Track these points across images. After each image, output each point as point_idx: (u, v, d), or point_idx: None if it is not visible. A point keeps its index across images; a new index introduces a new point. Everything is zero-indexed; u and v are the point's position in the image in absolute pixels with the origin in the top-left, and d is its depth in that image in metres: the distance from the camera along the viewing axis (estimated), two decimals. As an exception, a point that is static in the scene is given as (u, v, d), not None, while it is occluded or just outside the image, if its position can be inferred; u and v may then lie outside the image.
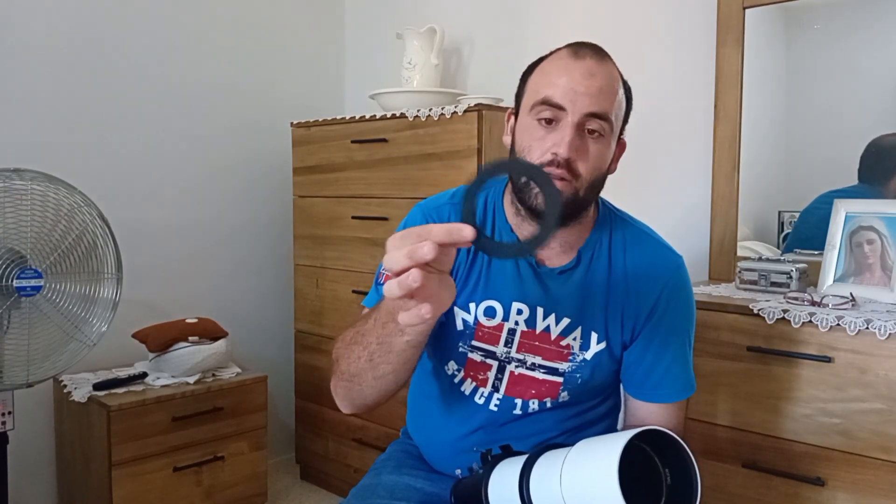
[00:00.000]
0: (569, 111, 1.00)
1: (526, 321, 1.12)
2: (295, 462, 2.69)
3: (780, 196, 1.89)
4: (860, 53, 1.75)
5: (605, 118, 1.01)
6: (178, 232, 2.49)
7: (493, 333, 1.13)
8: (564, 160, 1.00)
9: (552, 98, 1.01)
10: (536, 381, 1.13)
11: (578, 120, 1.00)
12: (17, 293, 1.61)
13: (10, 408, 1.71)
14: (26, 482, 2.18)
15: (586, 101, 1.00)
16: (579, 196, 1.03)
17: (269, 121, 2.69)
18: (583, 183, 1.03)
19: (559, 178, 1.01)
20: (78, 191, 1.70)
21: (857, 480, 1.37)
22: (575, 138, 1.00)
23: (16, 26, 2.10)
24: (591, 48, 1.04)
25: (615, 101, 1.03)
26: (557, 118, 1.01)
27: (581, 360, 1.12)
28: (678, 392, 1.13)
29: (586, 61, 1.02)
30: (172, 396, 2.06)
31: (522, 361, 1.13)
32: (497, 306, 1.12)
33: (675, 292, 1.12)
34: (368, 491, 1.19)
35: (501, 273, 1.13)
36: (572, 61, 1.02)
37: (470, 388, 1.17)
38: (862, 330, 1.34)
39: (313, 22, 2.86)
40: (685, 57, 2.04)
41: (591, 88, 1.00)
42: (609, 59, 1.05)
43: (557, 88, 1.01)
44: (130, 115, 2.35)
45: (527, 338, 1.12)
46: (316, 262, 2.48)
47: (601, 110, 1.01)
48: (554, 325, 1.11)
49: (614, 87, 1.03)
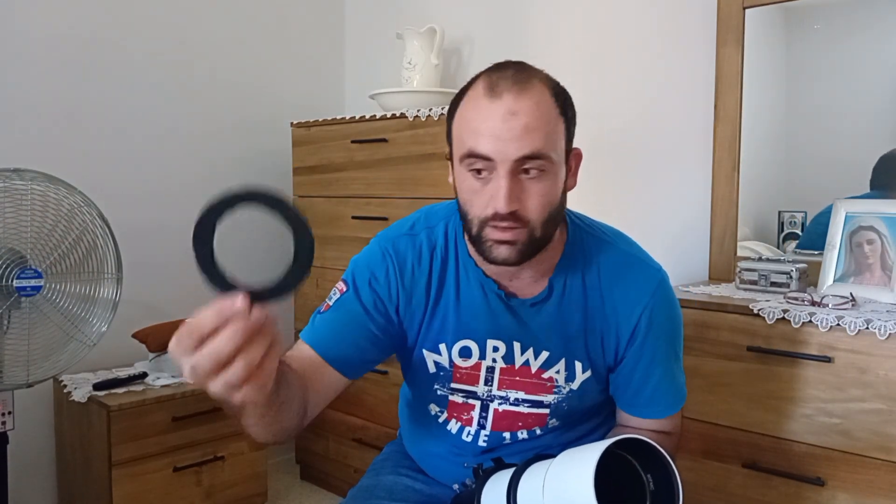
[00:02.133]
0: (497, 161, 0.92)
1: (503, 357, 1.08)
2: (295, 462, 2.69)
3: (780, 196, 1.89)
4: (860, 53, 1.75)
5: (539, 156, 0.92)
6: (178, 232, 2.48)
7: (472, 373, 1.09)
8: (507, 214, 0.93)
9: (477, 150, 0.93)
10: (522, 414, 1.11)
11: (510, 168, 0.92)
12: (17, 293, 1.61)
13: (10, 408, 1.71)
14: (26, 482, 2.17)
15: (513, 146, 0.91)
16: (536, 237, 0.96)
17: (270, 121, 2.69)
18: (535, 225, 0.95)
19: (508, 229, 0.94)
20: (78, 191, 1.70)
21: (857, 480, 1.37)
22: (512, 188, 0.92)
23: (16, 26, 2.10)
24: (507, 79, 0.94)
25: (546, 131, 0.93)
26: (489, 168, 0.93)
27: (567, 391, 1.10)
28: (669, 407, 1.12)
29: (503, 100, 0.92)
30: (172, 396, 2.06)
31: (505, 398, 1.10)
32: (472, 345, 1.08)
33: (657, 311, 1.06)
34: (367, 492, 1.19)
35: (471, 310, 1.07)
36: (489, 102, 0.93)
37: (456, 427, 1.15)
38: (862, 330, 1.34)
39: (313, 22, 2.86)
40: (685, 57, 2.04)
41: (514, 131, 0.91)
42: (530, 81, 0.94)
43: (480, 138, 0.92)
44: (131, 116, 2.35)
45: (507, 374, 1.09)
46: (316, 262, 2.46)
47: (532, 151, 0.91)
48: (533, 359, 1.08)
49: (542, 115, 0.93)
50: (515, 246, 0.95)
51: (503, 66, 0.97)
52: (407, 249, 1.09)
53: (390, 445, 1.35)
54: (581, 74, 2.26)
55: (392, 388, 2.26)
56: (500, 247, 0.95)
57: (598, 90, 2.22)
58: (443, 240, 1.09)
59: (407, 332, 1.10)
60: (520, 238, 0.95)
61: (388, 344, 1.10)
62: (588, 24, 2.24)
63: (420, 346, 1.10)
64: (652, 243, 2.10)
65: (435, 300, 1.08)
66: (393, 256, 1.09)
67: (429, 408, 1.17)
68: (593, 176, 2.26)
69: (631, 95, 2.15)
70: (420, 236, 1.10)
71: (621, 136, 2.18)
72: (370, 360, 1.09)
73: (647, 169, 2.13)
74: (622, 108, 2.17)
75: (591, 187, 2.24)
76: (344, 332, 1.07)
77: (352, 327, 1.07)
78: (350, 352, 1.06)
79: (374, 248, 1.13)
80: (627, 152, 2.17)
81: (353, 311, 1.08)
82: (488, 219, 0.95)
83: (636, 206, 2.11)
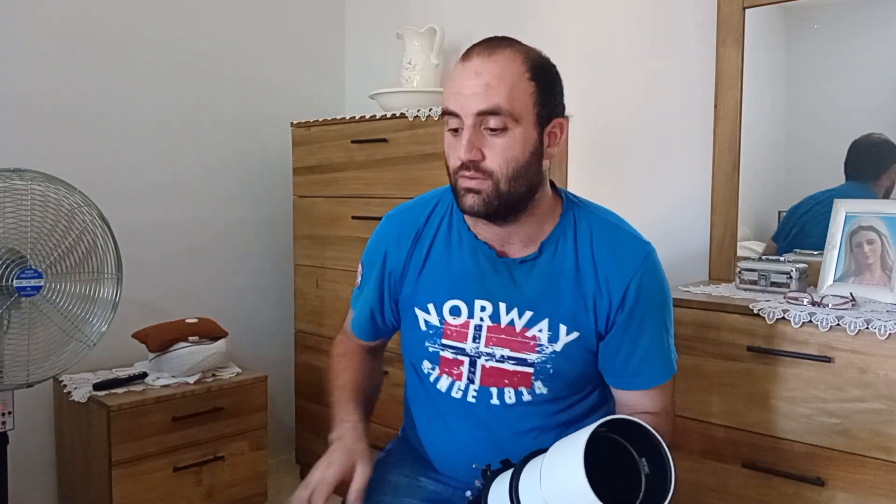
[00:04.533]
0: (462, 115, 1.04)
1: (490, 317, 1.15)
2: (295, 462, 2.69)
3: (780, 196, 1.89)
4: (860, 53, 1.75)
5: (498, 112, 1.02)
6: (178, 232, 2.49)
7: (461, 331, 1.17)
8: (469, 162, 1.04)
9: (448, 107, 1.06)
10: (507, 371, 1.15)
11: (472, 122, 1.03)
12: (17, 293, 1.61)
13: (10, 408, 1.71)
14: (26, 482, 2.18)
15: (472, 102, 1.03)
16: (501, 190, 1.05)
17: (270, 121, 2.69)
18: (499, 177, 1.05)
19: (473, 178, 1.05)
20: (78, 191, 1.70)
21: (857, 480, 1.37)
22: (473, 139, 1.04)
23: (16, 26, 2.10)
24: (483, 45, 1.06)
25: (508, 90, 1.02)
26: (459, 125, 1.05)
27: (551, 351, 1.13)
28: (658, 377, 1.15)
29: (472, 61, 1.04)
30: (172, 396, 2.06)
31: (492, 355, 1.16)
32: (461, 305, 1.17)
33: (646, 281, 1.12)
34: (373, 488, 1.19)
35: (462, 272, 1.17)
36: (461, 65, 1.05)
37: (446, 383, 1.20)
38: (862, 330, 1.34)
39: (313, 22, 2.86)
40: (685, 57, 2.04)
41: (476, 88, 1.02)
42: (501, 48, 1.05)
43: (451, 96, 1.06)
44: (131, 116, 2.35)
45: (493, 332, 1.15)
46: (316, 262, 2.48)
47: (489, 106, 1.02)
48: (517, 319, 1.14)
49: (506, 76, 1.03)
50: (480, 195, 1.06)
51: (486, 39, 1.08)
52: (408, 217, 1.24)
53: (393, 443, 1.37)
54: (581, 74, 2.26)
55: (392, 388, 2.26)
56: (467, 195, 1.07)
57: (599, 90, 2.22)
58: (442, 208, 1.22)
59: (403, 288, 1.23)
60: (484, 188, 1.06)
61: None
62: (588, 24, 2.24)
63: (412, 304, 1.21)
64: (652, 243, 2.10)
65: (425, 260, 1.20)
66: (394, 224, 1.25)
67: (422, 366, 1.22)
68: (594, 175, 2.27)
69: (631, 95, 2.15)
70: (422, 205, 1.25)
71: (621, 135, 2.18)
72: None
73: (647, 169, 2.13)
74: (622, 108, 2.17)
75: (591, 187, 2.25)
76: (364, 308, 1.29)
77: (366, 301, 1.28)
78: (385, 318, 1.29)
79: (382, 222, 1.29)
80: (627, 152, 2.17)
81: (367, 289, 1.28)
82: (457, 169, 1.07)
83: (636, 207, 2.11)
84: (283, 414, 2.77)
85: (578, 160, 2.27)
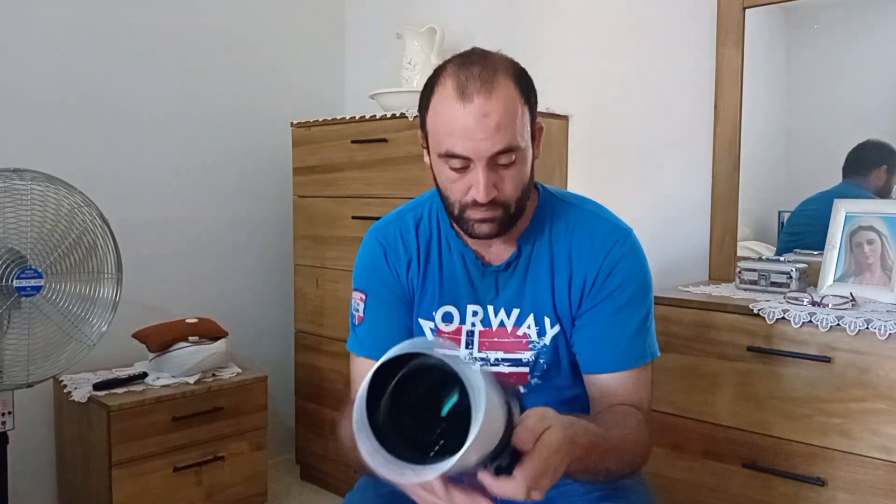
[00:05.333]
0: (475, 159, 1.01)
1: (482, 321, 1.16)
2: (295, 462, 2.69)
3: (780, 196, 1.89)
4: (860, 53, 1.75)
5: (512, 149, 1.01)
6: (178, 232, 2.49)
7: (453, 338, 1.17)
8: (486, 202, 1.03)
9: (455, 151, 1.01)
10: (503, 375, 1.15)
11: (486, 163, 1.01)
12: (17, 293, 1.61)
13: (10, 408, 1.71)
14: (26, 482, 2.18)
15: (488, 144, 0.99)
16: (512, 212, 1.06)
17: (270, 121, 2.69)
18: (510, 204, 1.05)
19: (488, 211, 1.04)
20: (78, 191, 1.70)
21: (857, 480, 1.37)
22: (489, 178, 1.01)
23: (15, 26, 2.10)
24: (475, 79, 0.99)
25: (516, 123, 1.01)
26: (466, 165, 1.02)
27: (541, 346, 1.14)
28: (628, 360, 1.10)
29: (475, 103, 0.99)
30: (172, 396, 2.06)
31: (486, 360, 1.16)
32: (453, 311, 1.17)
33: (621, 259, 1.11)
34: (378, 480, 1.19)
35: (453, 279, 1.17)
36: (461, 106, 0.99)
37: None
38: (862, 330, 1.34)
39: (313, 22, 2.85)
40: (685, 57, 2.04)
41: (487, 131, 0.99)
42: (498, 81, 1.00)
43: (457, 140, 1.00)
44: (131, 116, 2.35)
45: (485, 336, 1.16)
46: (316, 262, 2.48)
47: (504, 146, 1.00)
48: (507, 319, 1.15)
49: (511, 111, 1.00)
50: (494, 223, 1.06)
51: (469, 62, 1.02)
52: (396, 233, 1.21)
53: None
54: (581, 74, 2.26)
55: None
56: (481, 225, 1.06)
57: (598, 90, 2.22)
58: (427, 218, 1.20)
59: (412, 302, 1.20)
60: (497, 216, 1.05)
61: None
62: (588, 24, 2.24)
63: (416, 315, 1.19)
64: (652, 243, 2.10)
65: (424, 272, 1.18)
66: (384, 243, 1.21)
67: None
68: (593, 176, 2.26)
69: (631, 96, 2.15)
70: (405, 217, 1.22)
71: (621, 135, 2.18)
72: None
73: (647, 169, 2.13)
74: (622, 108, 2.17)
75: (590, 187, 2.25)
76: (390, 332, 1.18)
77: (392, 323, 1.19)
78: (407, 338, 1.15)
79: (369, 241, 1.24)
80: (627, 152, 2.17)
81: (382, 311, 1.20)
82: (468, 204, 1.05)
83: (636, 206, 2.11)
84: (283, 414, 2.77)
85: (578, 160, 2.27)
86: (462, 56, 1.05)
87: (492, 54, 1.05)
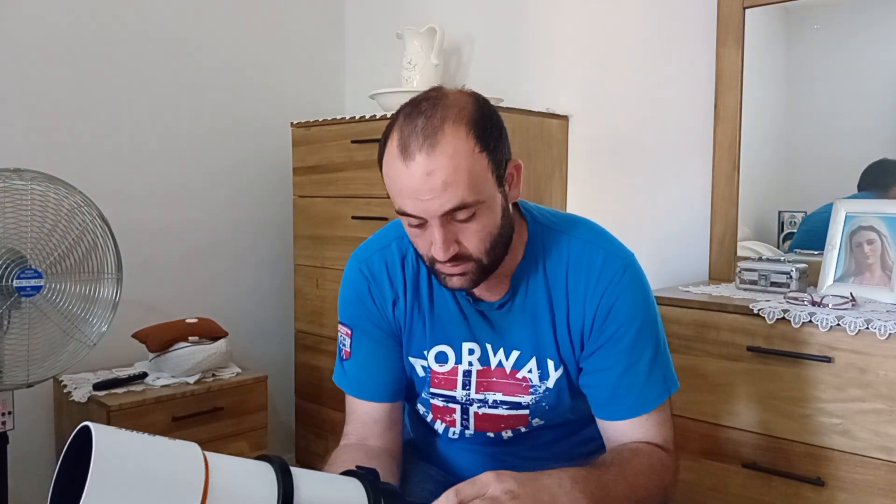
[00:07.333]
0: (427, 218, 0.94)
1: (479, 360, 1.10)
2: (295, 462, 2.69)
3: (780, 196, 1.89)
4: (860, 53, 1.75)
5: (465, 206, 0.92)
6: (178, 232, 2.49)
7: (449, 378, 1.11)
8: (446, 260, 0.96)
9: (406, 211, 0.95)
10: (502, 416, 1.11)
11: (438, 222, 0.93)
12: (17, 293, 1.61)
13: (10, 408, 1.71)
14: (26, 482, 2.17)
15: (436, 204, 0.92)
16: (484, 264, 0.98)
17: (270, 121, 2.69)
18: (479, 256, 0.97)
19: (455, 266, 0.97)
20: (78, 191, 1.70)
21: (857, 480, 1.37)
22: (446, 236, 0.94)
23: (16, 26, 2.10)
24: (417, 135, 0.92)
25: (467, 180, 0.91)
26: (423, 222, 0.95)
27: (544, 390, 1.08)
28: (642, 404, 1.03)
29: (416, 161, 0.91)
30: (172, 396, 2.06)
31: (484, 401, 1.10)
32: (448, 350, 1.10)
33: (618, 298, 1.03)
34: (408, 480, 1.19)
35: (445, 315, 1.10)
36: (404, 167, 0.92)
37: (441, 427, 1.18)
38: (862, 330, 1.34)
39: (313, 22, 2.85)
40: (685, 57, 2.03)
41: (434, 191, 0.91)
42: (441, 132, 0.91)
43: (406, 200, 0.94)
44: (131, 116, 2.35)
45: (483, 376, 1.10)
46: (316, 262, 2.48)
47: (455, 204, 0.92)
48: (505, 360, 1.09)
49: (459, 165, 0.91)
50: (466, 276, 0.99)
51: (415, 113, 0.94)
52: (381, 266, 1.12)
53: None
54: (581, 74, 2.26)
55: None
56: (452, 278, 0.99)
57: (598, 90, 2.22)
58: (414, 252, 1.10)
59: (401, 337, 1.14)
60: (468, 269, 0.98)
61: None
62: (588, 24, 2.24)
63: (406, 353, 1.13)
64: (652, 243, 2.10)
65: (412, 309, 1.11)
66: (368, 276, 1.13)
67: (417, 408, 1.20)
68: (593, 176, 2.26)
69: (631, 95, 2.15)
70: (391, 248, 1.13)
71: (621, 136, 2.18)
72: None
73: (647, 169, 2.13)
74: (622, 109, 2.17)
75: (591, 187, 2.25)
76: (379, 369, 1.13)
77: (380, 360, 1.13)
78: (397, 376, 1.14)
79: (352, 272, 1.15)
80: (627, 152, 2.17)
81: (370, 348, 1.13)
82: (434, 260, 0.98)
83: (636, 206, 2.11)
84: (282, 414, 2.77)
85: (578, 161, 2.27)
86: (411, 104, 0.97)
87: (444, 99, 0.95)
